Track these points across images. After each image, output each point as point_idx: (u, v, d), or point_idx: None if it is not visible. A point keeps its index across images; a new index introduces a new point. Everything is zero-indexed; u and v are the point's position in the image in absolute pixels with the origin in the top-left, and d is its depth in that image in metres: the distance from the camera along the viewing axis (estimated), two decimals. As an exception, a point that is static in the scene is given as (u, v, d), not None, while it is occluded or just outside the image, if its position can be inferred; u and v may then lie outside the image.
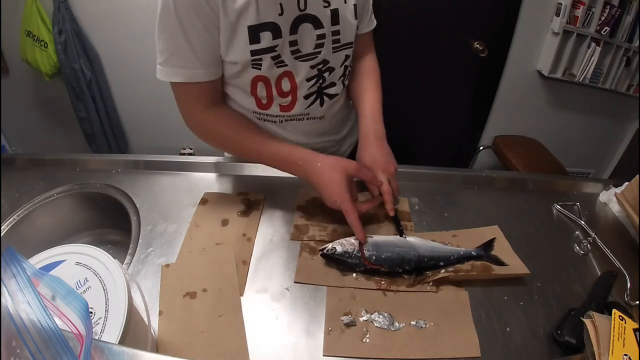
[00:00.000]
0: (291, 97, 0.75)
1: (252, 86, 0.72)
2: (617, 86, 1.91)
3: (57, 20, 1.67)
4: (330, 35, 0.72)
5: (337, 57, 0.76)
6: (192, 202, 0.78)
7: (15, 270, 0.39)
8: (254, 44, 0.65)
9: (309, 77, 0.74)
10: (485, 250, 0.68)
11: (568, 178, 1.05)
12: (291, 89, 0.74)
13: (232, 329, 0.56)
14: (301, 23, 0.67)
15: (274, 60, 0.68)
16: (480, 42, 1.65)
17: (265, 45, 0.66)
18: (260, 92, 0.73)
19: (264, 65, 0.68)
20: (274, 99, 0.75)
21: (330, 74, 0.77)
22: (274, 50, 0.67)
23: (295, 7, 0.66)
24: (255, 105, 0.76)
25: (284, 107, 0.77)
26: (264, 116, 0.78)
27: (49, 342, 0.34)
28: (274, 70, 0.70)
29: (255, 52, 0.66)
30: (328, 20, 0.70)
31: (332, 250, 0.65)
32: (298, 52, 0.70)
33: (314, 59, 0.72)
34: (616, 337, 0.50)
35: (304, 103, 0.77)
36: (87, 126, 1.96)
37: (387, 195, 0.72)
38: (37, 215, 0.77)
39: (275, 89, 0.73)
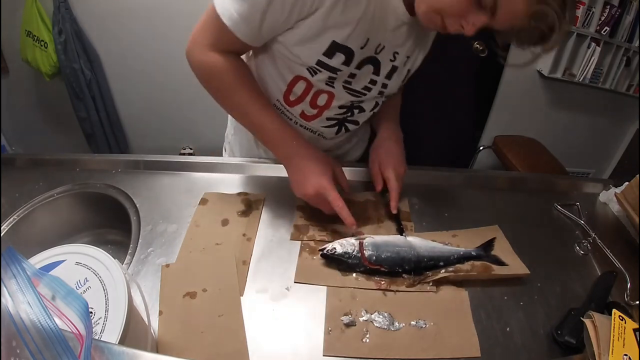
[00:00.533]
0: (318, 112, 0.76)
1: (294, 80, 0.71)
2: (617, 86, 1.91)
3: (57, 20, 1.68)
4: (380, 86, 0.74)
5: (370, 103, 0.78)
6: (192, 202, 0.78)
7: (15, 271, 0.39)
8: (326, 57, 0.65)
9: (343, 105, 0.76)
10: (485, 250, 0.68)
11: (568, 178, 1.06)
12: (323, 106, 0.75)
13: (232, 329, 0.56)
14: (367, 63, 0.68)
15: (328, 79, 0.69)
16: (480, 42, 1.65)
17: (333, 64, 0.66)
18: (296, 89, 0.73)
19: (317, 77, 0.68)
20: (302, 103, 0.75)
21: (359, 113, 0.79)
22: (335, 72, 0.67)
23: (374, 48, 0.66)
24: (283, 96, 0.75)
25: (307, 115, 0.77)
26: (283, 109, 0.78)
27: (49, 342, 0.34)
28: (322, 85, 0.71)
29: (320, 63, 0.66)
30: (386, 72, 0.72)
31: (332, 251, 0.65)
32: (349, 84, 0.71)
33: (357, 97, 0.74)
34: (616, 337, 0.50)
35: (324, 122, 0.79)
36: (87, 126, 1.96)
37: (394, 192, 0.74)
38: (37, 215, 0.77)
39: (311, 96, 0.73)
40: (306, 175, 0.68)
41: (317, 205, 0.70)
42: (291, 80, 0.72)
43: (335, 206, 0.67)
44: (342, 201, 0.66)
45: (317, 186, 0.67)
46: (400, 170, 0.77)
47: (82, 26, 1.76)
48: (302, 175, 0.68)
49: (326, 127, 0.80)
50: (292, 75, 0.71)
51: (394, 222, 0.75)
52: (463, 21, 0.57)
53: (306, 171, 0.68)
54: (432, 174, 0.88)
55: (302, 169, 0.69)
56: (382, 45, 0.66)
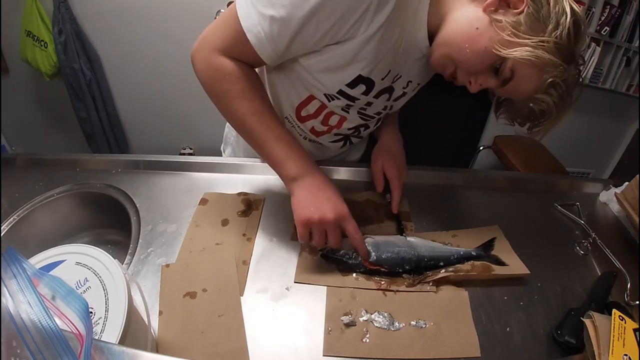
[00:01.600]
0: (327, 130, 0.76)
1: (308, 99, 0.69)
2: (617, 86, 1.91)
3: (57, 20, 1.67)
4: (388, 108, 0.75)
5: (375, 121, 0.79)
6: (192, 202, 0.78)
7: (15, 271, 0.39)
8: (348, 87, 0.63)
9: (352, 127, 0.76)
10: (485, 250, 0.68)
11: (568, 178, 1.05)
12: (334, 126, 0.75)
13: (232, 329, 0.56)
14: (385, 92, 0.68)
15: (345, 106, 0.69)
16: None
17: (354, 94, 0.65)
18: (310, 107, 0.71)
19: (334, 102, 0.68)
20: (314, 120, 0.74)
21: (365, 130, 0.80)
22: (353, 101, 0.67)
23: (392, 78, 0.66)
24: (295, 111, 0.73)
25: (316, 131, 0.77)
26: (293, 123, 0.76)
27: (50, 342, 0.34)
28: (338, 110, 0.70)
29: (341, 92, 0.65)
30: (396, 97, 0.72)
31: (332, 251, 0.65)
32: (364, 110, 0.71)
33: (367, 120, 0.75)
34: (616, 337, 0.50)
35: (331, 138, 0.79)
36: (87, 126, 1.96)
37: (396, 192, 0.74)
38: (37, 215, 0.77)
39: (323, 116, 0.73)
40: (325, 198, 0.62)
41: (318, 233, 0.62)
42: (305, 99, 0.70)
43: (354, 238, 0.63)
44: (360, 232, 0.63)
45: (339, 212, 0.61)
46: (402, 172, 0.77)
47: (82, 26, 1.76)
48: (318, 197, 0.62)
49: (333, 142, 0.81)
50: (307, 94, 0.69)
51: (394, 222, 0.75)
52: (473, 78, 0.58)
53: (325, 193, 0.62)
54: (432, 174, 0.88)
55: (320, 190, 0.63)
56: (400, 75, 0.66)
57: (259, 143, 0.64)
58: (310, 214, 0.60)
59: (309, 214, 0.60)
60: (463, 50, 0.55)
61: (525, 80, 0.54)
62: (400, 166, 0.78)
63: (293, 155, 0.64)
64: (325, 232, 0.62)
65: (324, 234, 0.62)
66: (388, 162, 0.77)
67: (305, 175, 0.63)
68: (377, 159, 0.79)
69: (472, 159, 2.06)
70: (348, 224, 0.62)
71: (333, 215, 0.60)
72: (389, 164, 0.77)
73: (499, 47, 0.52)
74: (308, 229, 0.61)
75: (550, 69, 0.52)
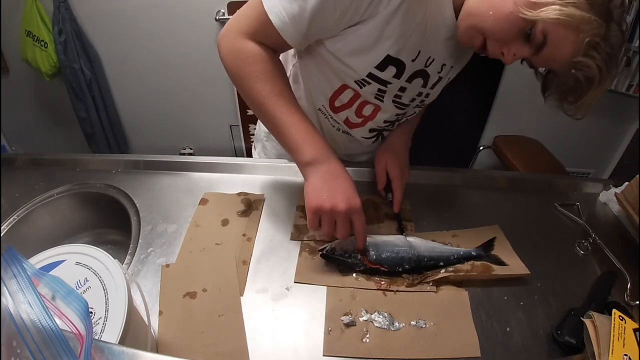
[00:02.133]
0: (362, 121, 0.76)
1: (341, 87, 0.69)
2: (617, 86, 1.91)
3: (57, 20, 1.67)
4: (424, 95, 0.72)
5: (410, 112, 0.77)
6: (192, 202, 0.78)
7: (16, 271, 0.39)
8: (377, 70, 0.63)
9: (388, 120, 0.75)
10: (485, 250, 0.68)
11: (568, 178, 1.06)
12: (367, 117, 0.74)
13: (232, 329, 0.56)
14: (418, 76, 0.66)
15: (378, 92, 0.67)
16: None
17: (384, 77, 0.64)
18: (343, 96, 0.70)
19: (366, 89, 0.67)
20: (347, 110, 0.73)
21: (399, 122, 0.79)
22: (385, 85, 0.66)
23: (424, 60, 0.64)
24: (329, 100, 0.73)
25: (350, 123, 0.76)
26: (326, 114, 0.76)
27: (50, 342, 0.34)
28: (370, 97, 0.69)
29: (372, 75, 0.64)
30: (432, 83, 0.70)
31: (332, 251, 0.65)
32: (399, 98, 0.70)
33: (402, 109, 0.73)
34: (616, 337, 0.50)
35: (365, 133, 0.79)
36: (87, 126, 1.96)
37: (398, 191, 0.75)
38: (37, 215, 0.77)
39: (357, 106, 0.72)
40: (339, 188, 0.60)
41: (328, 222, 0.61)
42: (338, 88, 0.69)
43: (359, 232, 0.62)
44: (366, 229, 0.63)
45: (352, 204, 0.60)
46: (405, 172, 0.78)
47: (82, 26, 1.76)
48: (332, 186, 0.60)
49: (366, 137, 0.80)
50: (340, 83, 0.68)
51: (395, 221, 0.75)
52: (505, 48, 0.55)
53: (340, 183, 0.61)
54: (432, 174, 0.88)
55: (335, 178, 0.61)
56: (432, 57, 0.64)
57: (277, 126, 0.63)
58: (322, 202, 0.59)
59: (321, 202, 0.59)
60: (488, 18, 0.53)
61: (560, 43, 0.50)
62: (403, 166, 0.78)
63: (310, 139, 0.62)
64: (334, 223, 0.61)
65: (333, 223, 0.61)
66: (392, 161, 0.77)
67: (322, 161, 0.62)
68: (381, 157, 0.79)
69: (472, 159, 2.06)
70: (357, 218, 0.61)
71: (345, 206, 0.59)
72: (393, 163, 0.77)
73: (524, 10, 0.49)
74: (318, 217, 0.60)
75: (586, 27, 0.48)
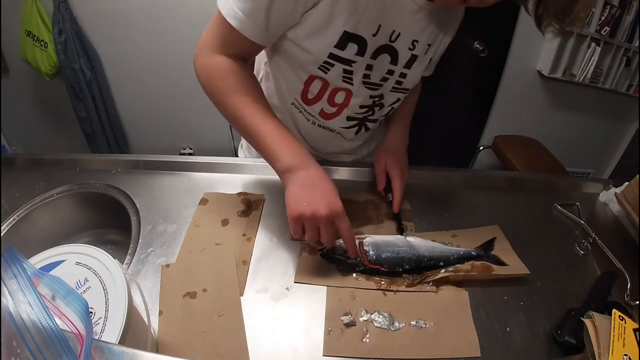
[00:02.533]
0: (337, 110, 0.75)
1: (309, 79, 0.69)
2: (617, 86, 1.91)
3: (57, 20, 1.68)
4: (398, 75, 0.71)
5: (391, 97, 0.76)
6: (192, 202, 0.78)
7: (16, 271, 0.39)
8: (337, 49, 0.62)
9: (364, 104, 0.74)
10: (485, 250, 0.68)
11: (568, 178, 1.06)
12: (341, 105, 0.74)
13: (232, 329, 0.56)
14: (383, 52, 0.66)
15: (344, 73, 0.67)
16: (480, 42, 1.65)
17: (346, 56, 0.63)
18: (313, 87, 0.71)
19: (332, 72, 0.66)
20: (321, 101, 0.73)
21: (380, 109, 0.78)
22: (349, 65, 0.65)
23: (388, 35, 0.63)
24: (301, 94, 0.73)
25: (326, 114, 0.76)
26: (302, 108, 0.76)
27: (50, 342, 0.34)
28: (338, 81, 0.68)
29: (333, 55, 0.63)
30: (404, 61, 0.69)
31: (332, 250, 0.65)
32: (368, 78, 0.69)
33: (375, 90, 0.72)
34: (616, 337, 0.50)
35: (344, 122, 0.78)
36: (87, 126, 1.96)
37: (397, 191, 0.74)
38: (37, 215, 0.77)
39: (328, 94, 0.71)
40: (319, 193, 0.59)
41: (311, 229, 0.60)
42: (307, 80, 0.70)
43: (345, 236, 0.61)
44: (352, 231, 0.61)
45: (332, 208, 0.58)
46: (405, 172, 0.77)
47: (82, 26, 1.76)
48: (312, 192, 0.59)
49: (346, 127, 0.79)
50: (307, 75, 0.69)
51: (395, 222, 0.75)
52: None
53: (320, 187, 0.60)
54: (432, 174, 0.88)
55: (314, 184, 0.60)
56: (397, 32, 0.63)
57: (253, 136, 0.63)
58: (302, 209, 0.58)
59: (301, 209, 0.58)
60: None
61: None
62: (403, 166, 0.78)
63: (286, 147, 0.62)
64: (318, 228, 0.60)
65: (316, 229, 0.60)
66: (391, 161, 0.77)
67: (300, 167, 0.61)
68: (380, 157, 0.79)
69: (472, 159, 2.07)
70: (341, 222, 0.60)
71: (326, 211, 0.58)
72: (392, 163, 0.77)
73: None
74: (300, 224, 0.60)
75: None
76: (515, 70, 1.85)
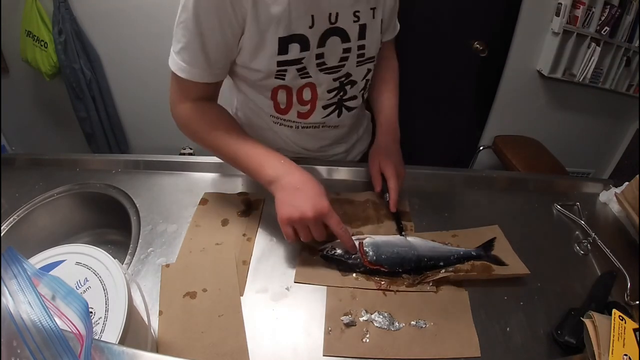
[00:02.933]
0: (310, 106, 0.76)
1: (273, 92, 0.72)
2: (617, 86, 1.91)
3: (57, 20, 1.67)
4: (356, 49, 0.72)
5: (360, 71, 0.76)
6: (192, 202, 0.78)
7: (16, 271, 0.39)
8: (282, 55, 0.64)
9: (331, 88, 0.75)
10: (485, 250, 0.68)
11: (568, 178, 1.06)
12: (312, 99, 0.74)
13: (232, 329, 0.56)
14: (330, 36, 0.67)
15: (299, 72, 0.68)
16: (480, 42, 1.65)
17: (293, 57, 0.65)
18: (280, 98, 0.73)
19: (288, 76, 0.68)
20: (293, 105, 0.75)
21: (352, 87, 0.78)
22: (300, 63, 0.67)
23: (326, 20, 0.65)
24: (274, 109, 0.76)
25: (302, 114, 0.77)
26: (280, 120, 0.78)
27: (50, 342, 0.34)
28: (297, 81, 0.70)
29: (281, 62, 0.65)
30: (355, 34, 0.70)
31: (332, 251, 0.65)
32: (323, 64, 0.70)
33: (337, 72, 0.73)
34: (616, 337, 0.50)
35: (322, 112, 0.78)
36: (87, 126, 1.96)
37: (393, 191, 0.74)
38: (37, 215, 0.77)
39: (296, 97, 0.73)
40: (304, 195, 0.61)
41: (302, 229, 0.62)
42: (272, 94, 0.72)
43: (336, 232, 0.62)
44: (343, 226, 0.63)
45: (318, 208, 0.60)
46: (400, 172, 0.77)
47: (82, 26, 1.76)
48: (297, 195, 0.61)
49: (326, 116, 0.79)
50: (270, 89, 0.72)
51: (394, 222, 0.75)
52: None
53: (304, 190, 0.62)
54: (432, 174, 0.88)
55: (298, 188, 0.62)
56: (334, 13, 0.65)
57: (236, 160, 0.69)
58: (290, 212, 0.60)
59: (289, 213, 0.61)
60: None
61: None
62: (397, 165, 0.77)
63: (266, 160, 0.66)
64: (309, 229, 0.62)
65: (307, 229, 0.62)
66: (385, 161, 0.77)
67: (283, 175, 0.64)
68: (373, 159, 0.79)
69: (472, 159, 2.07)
70: (330, 219, 0.62)
71: (312, 212, 0.60)
72: (386, 164, 0.76)
73: None
74: (291, 227, 0.62)
75: None
76: (515, 70, 1.85)
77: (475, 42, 1.66)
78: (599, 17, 1.68)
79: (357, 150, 0.96)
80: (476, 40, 1.66)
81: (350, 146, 0.93)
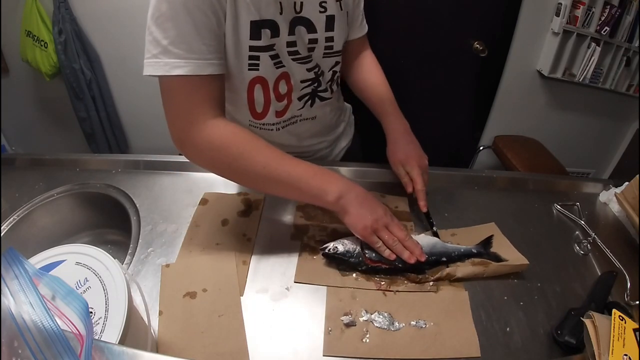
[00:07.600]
0: (287, 99, 0.75)
1: (249, 91, 0.71)
2: (617, 86, 1.91)
3: (57, 20, 1.67)
4: (324, 41, 0.72)
5: (326, 62, 0.77)
6: (192, 202, 0.78)
7: (17, 271, 0.39)
8: (254, 40, 0.64)
9: (304, 79, 0.75)
10: (485, 247, 0.68)
11: (568, 178, 1.06)
12: (287, 91, 0.74)
13: (232, 329, 0.56)
14: (297, 25, 0.67)
15: (273, 60, 0.68)
16: (480, 42, 1.65)
17: (265, 43, 0.65)
18: (257, 96, 0.72)
19: (262, 65, 0.68)
20: (270, 104, 0.74)
21: (321, 77, 0.78)
22: (272, 49, 0.67)
23: (292, 8, 0.66)
24: (251, 115, 0.75)
25: (279, 112, 0.77)
26: (260, 125, 0.78)
27: (51, 342, 0.34)
28: (273, 71, 0.70)
29: (253, 48, 0.65)
30: (322, 25, 0.70)
31: (334, 250, 0.65)
32: (296, 53, 0.70)
33: (309, 62, 0.73)
34: (616, 337, 0.50)
35: (297, 104, 0.78)
36: (87, 126, 1.96)
37: (421, 192, 0.74)
38: (37, 215, 0.77)
39: (273, 92, 0.72)
40: (373, 204, 0.65)
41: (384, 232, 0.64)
42: (247, 92, 0.71)
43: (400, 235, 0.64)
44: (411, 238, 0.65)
45: (386, 210, 0.65)
46: (423, 163, 0.77)
47: (82, 26, 1.76)
48: (368, 205, 0.64)
49: (302, 107, 0.79)
50: (246, 84, 0.69)
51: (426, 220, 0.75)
52: None
53: (370, 200, 0.65)
54: (432, 174, 0.88)
55: (365, 199, 0.65)
56: (298, 2, 0.65)
57: (290, 184, 0.62)
58: (369, 221, 0.63)
59: (369, 222, 0.63)
60: None
61: None
62: (418, 159, 0.77)
63: (326, 180, 0.64)
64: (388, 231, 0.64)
65: (389, 231, 0.64)
66: (406, 161, 0.77)
67: (347, 191, 0.64)
68: (394, 161, 0.79)
69: (472, 159, 2.07)
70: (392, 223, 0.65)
71: (384, 214, 0.64)
72: (408, 163, 0.76)
73: None
74: (374, 235, 0.63)
75: None
76: (515, 70, 1.85)
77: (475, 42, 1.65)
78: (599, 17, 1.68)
79: (340, 145, 0.96)
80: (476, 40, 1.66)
81: (334, 139, 0.93)
